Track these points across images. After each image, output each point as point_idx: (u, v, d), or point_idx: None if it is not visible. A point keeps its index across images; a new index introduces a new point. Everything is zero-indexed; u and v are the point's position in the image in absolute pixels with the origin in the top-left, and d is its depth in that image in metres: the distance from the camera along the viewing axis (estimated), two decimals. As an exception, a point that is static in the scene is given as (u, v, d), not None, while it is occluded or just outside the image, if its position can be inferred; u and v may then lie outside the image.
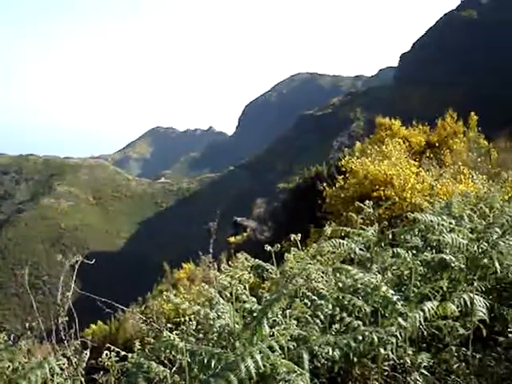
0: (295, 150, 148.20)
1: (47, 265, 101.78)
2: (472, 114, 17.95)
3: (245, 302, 3.95)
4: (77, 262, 5.26)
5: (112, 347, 3.61)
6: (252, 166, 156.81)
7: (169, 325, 4.90)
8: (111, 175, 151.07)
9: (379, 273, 4.62)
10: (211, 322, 3.77)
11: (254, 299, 4.07)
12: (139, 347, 4.05)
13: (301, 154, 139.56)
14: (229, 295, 3.73)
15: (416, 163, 11.21)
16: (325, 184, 12.02)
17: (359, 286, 4.12)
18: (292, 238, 5.29)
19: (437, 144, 16.08)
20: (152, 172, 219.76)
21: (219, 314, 3.84)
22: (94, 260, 5.47)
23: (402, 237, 5.38)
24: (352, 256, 5.38)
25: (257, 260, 5.16)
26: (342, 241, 5.32)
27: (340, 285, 4.42)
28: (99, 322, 29.93)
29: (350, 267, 4.50)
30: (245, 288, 3.78)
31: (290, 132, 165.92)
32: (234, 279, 3.56)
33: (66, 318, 4.58)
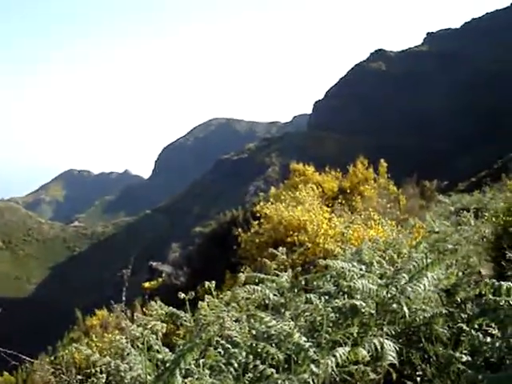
0: (212, 194, 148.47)
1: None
2: (382, 161, 18.50)
3: (157, 351, 3.88)
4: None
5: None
6: (168, 210, 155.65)
7: (79, 376, 4.75)
8: (22, 218, 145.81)
9: (292, 319, 4.66)
10: (122, 374, 3.67)
11: (167, 349, 4.01)
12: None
13: (217, 198, 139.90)
14: (141, 345, 3.66)
15: (329, 209, 11.46)
16: (240, 229, 12.06)
17: (273, 332, 4.13)
18: (206, 285, 5.27)
19: (349, 190, 16.50)
20: (65, 215, 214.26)
21: (131, 365, 3.74)
22: (0, 308, 5.26)
23: (315, 283, 5.48)
24: (267, 302, 5.40)
25: (170, 308, 5.10)
26: (256, 287, 5.34)
27: (254, 332, 4.43)
28: (5, 374, 28.42)
29: (263, 314, 4.51)
30: (157, 338, 3.72)
31: (207, 176, 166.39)
32: (146, 329, 3.50)
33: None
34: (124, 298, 7.48)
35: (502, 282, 2.94)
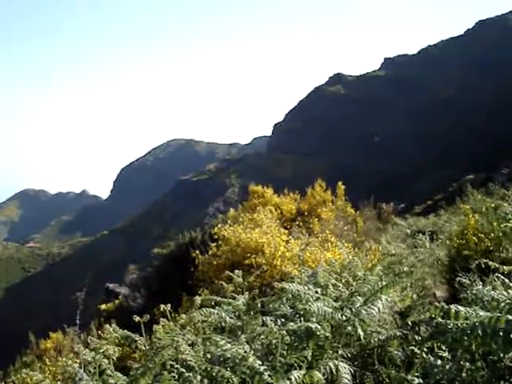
0: (171, 215, 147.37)
1: None
2: (340, 183, 18.67)
3: (110, 376, 3.82)
4: None
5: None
6: (127, 231, 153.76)
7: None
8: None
9: (248, 342, 4.65)
10: (74, 400, 3.60)
11: (120, 374, 3.95)
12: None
13: (177, 219, 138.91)
14: (93, 370, 3.61)
15: (286, 231, 11.50)
16: (198, 251, 12.00)
17: (228, 356, 4.12)
18: (162, 308, 5.23)
19: (307, 212, 16.59)
20: (20, 236, 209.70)
21: (82, 390, 3.68)
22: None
23: (272, 305, 5.49)
24: (223, 325, 5.38)
25: (125, 331, 5.04)
26: (212, 310, 5.32)
27: (209, 356, 4.41)
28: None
29: (219, 337, 4.49)
30: (110, 362, 3.67)
31: (166, 197, 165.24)
32: (99, 354, 3.45)
33: None
34: (78, 321, 7.36)
35: (451, 306, 3.00)
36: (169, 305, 5.26)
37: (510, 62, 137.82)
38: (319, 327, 4.48)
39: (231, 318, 5.42)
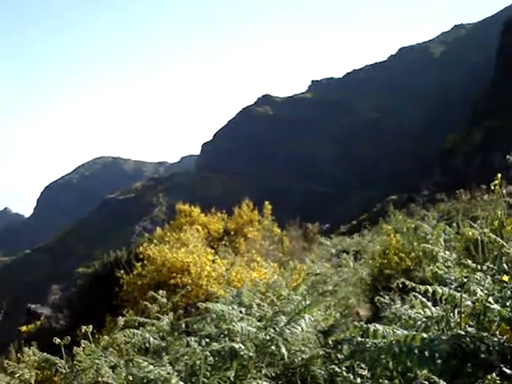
0: (97, 234, 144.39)
1: None
2: (266, 203, 18.80)
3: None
4: None
5: None
6: (51, 250, 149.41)
7: None
8: None
9: (171, 363, 4.60)
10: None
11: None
12: None
13: (103, 237, 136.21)
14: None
15: (213, 250, 11.48)
16: (123, 270, 11.80)
17: (151, 377, 4.05)
18: (83, 330, 5.11)
19: (234, 231, 16.64)
20: None
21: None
22: None
23: (196, 326, 5.46)
24: (147, 346, 5.31)
25: (45, 354, 4.90)
26: (136, 330, 5.24)
27: (131, 378, 4.33)
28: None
29: (141, 359, 4.42)
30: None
31: (93, 215, 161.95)
32: (15, 378, 3.34)
33: None
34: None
35: (370, 325, 3.06)
36: (90, 326, 5.14)
37: (429, 87, 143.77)
38: (243, 347, 4.48)
39: (155, 338, 5.36)
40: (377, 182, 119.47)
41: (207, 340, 5.00)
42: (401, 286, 3.89)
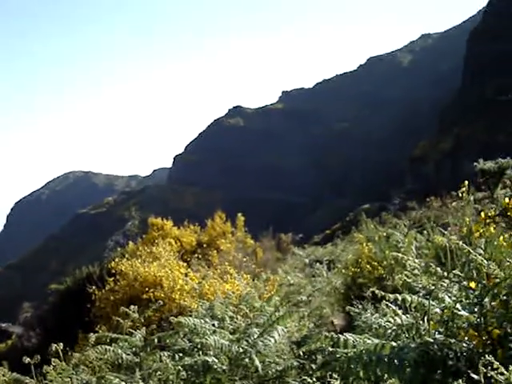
0: (69, 250, 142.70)
1: None
2: (239, 214, 18.80)
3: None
4: None
5: None
6: (22, 267, 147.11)
7: None
8: None
9: (144, 379, 4.57)
10: None
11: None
12: None
13: (75, 253, 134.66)
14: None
15: (186, 264, 11.43)
16: (95, 286, 11.69)
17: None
18: (54, 348, 5.04)
19: (207, 244, 16.59)
20: None
21: None
22: None
23: (169, 340, 5.43)
24: (120, 362, 5.26)
25: (14, 374, 4.83)
26: (108, 347, 5.19)
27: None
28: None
29: (113, 375, 4.39)
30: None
31: (64, 231, 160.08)
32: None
33: None
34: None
35: (341, 335, 3.08)
36: (61, 344, 5.07)
37: (398, 96, 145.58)
38: (216, 360, 4.47)
39: (128, 354, 5.31)
40: (348, 191, 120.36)
41: (180, 354, 4.98)
42: (372, 295, 3.92)
